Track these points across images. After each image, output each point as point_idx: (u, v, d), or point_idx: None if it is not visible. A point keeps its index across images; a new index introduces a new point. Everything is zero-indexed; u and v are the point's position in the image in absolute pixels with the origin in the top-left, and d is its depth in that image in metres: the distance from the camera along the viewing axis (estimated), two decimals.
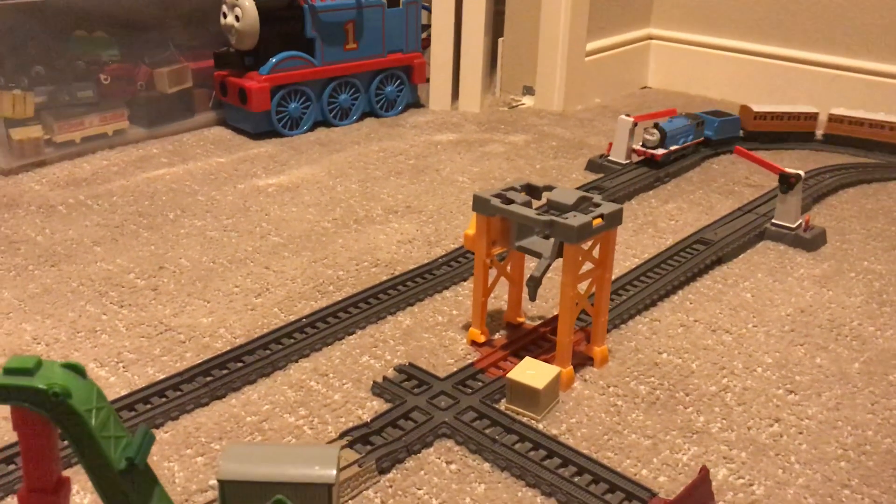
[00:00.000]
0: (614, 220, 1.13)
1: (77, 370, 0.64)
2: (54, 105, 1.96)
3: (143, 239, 1.59)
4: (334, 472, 0.71)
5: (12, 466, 0.97)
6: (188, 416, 1.09)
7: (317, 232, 1.64)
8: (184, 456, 1.02)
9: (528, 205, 1.16)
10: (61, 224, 1.65)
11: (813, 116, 2.19)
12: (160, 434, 1.06)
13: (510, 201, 1.16)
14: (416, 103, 2.45)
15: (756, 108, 2.17)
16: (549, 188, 1.18)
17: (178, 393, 1.12)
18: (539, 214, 1.12)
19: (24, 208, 1.71)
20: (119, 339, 1.27)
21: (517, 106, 2.50)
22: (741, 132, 2.16)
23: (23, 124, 1.91)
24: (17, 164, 1.90)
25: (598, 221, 1.10)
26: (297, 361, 1.21)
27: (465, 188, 1.86)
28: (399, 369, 1.18)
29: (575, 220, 1.08)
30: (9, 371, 0.61)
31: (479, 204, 1.16)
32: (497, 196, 1.17)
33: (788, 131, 2.18)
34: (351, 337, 1.28)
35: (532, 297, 1.15)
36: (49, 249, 1.54)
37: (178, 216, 1.69)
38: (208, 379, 1.15)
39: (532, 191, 1.20)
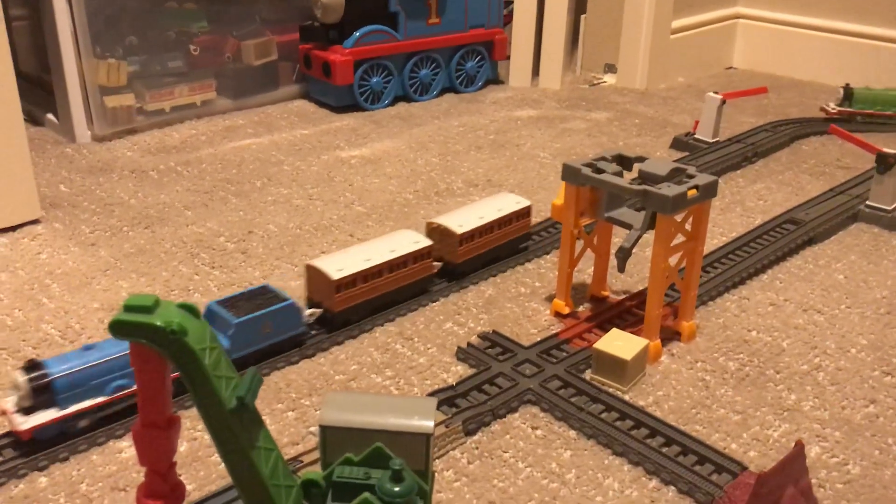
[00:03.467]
0: (709, 191, 1.11)
1: (192, 311, 0.66)
2: (146, 74, 2.02)
3: (231, 205, 1.63)
4: (433, 423, 0.71)
5: None
6: (279, 373, 1.12)
7: (399, 203, 1.65)
8: (275, 410, 1.05)
9: (618, 175, 1.15)
10: (153, 188, 1.70)
11: None
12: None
13: (601, 171, 1.15)
14: (496, 80, 2.44)
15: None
16: (641, 159, 1.17)
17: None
18: (632, 184, 1.10)
19: (118, 173, 1.77)
20: (211, 298, 1.30)
21: (598, 84, 2.47)
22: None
23: (116, 92, 1.97)
24: (111, 130, 1.96)
25: (692, 192, 1.08)
26: (382, 325, 1.23)
27: (546, 164, 1.85)
28: (483, 336, 1.19)
29: (669, 190, 1.07)
30: (129, 308, 0.64)
31: (569, 173, 1.16)
32: (587, 165, 1.15)
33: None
34: (434, 304, 1.29)
35: (621, 269, 1.14)
36: (142, 212, 1.59)
37: (264, 184, 1.73)
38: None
39: (623, 161, 1.19)
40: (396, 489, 0.67)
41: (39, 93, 2.06)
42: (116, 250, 1.45)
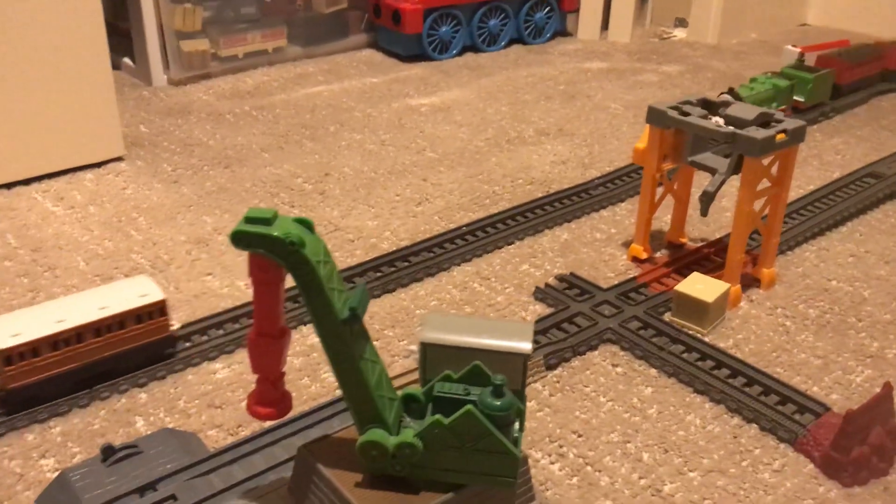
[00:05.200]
0: (797, 136, 1.09)
1: (307, 225, 0.69)
2: (220, 20, 2.05)
3: (307, 148, 1.66)
4: (531, 344, 0.73)
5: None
6: (373, 303, 1.15)
7: (470, 150, 1.66)
8: None
9: (704, 119, 1.14)
10: (230, 131, 1.73)
11: None
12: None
13: (686, 115, 1.14)
14: (564, 31, 2.42)
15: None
16: (727, 103, 1.15)
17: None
18: (720, 127, 1.09)
19: (195, 115, 1.81)
20: None
21: (668, 38, 2.43)
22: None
23: (191, 37, 2.00)
24: (186, 75, 2.00)
25: (781, 136, 1.07)
26: (459, 265, 1.25)
27: (618, 115, 1.84)
28: (560, 278, 1.20)
29: (758, 133, 1.06)
30: (249, 220, 0.66)
31: (654, 115, 1.15)
32: (673, 108, 1.15)
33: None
34: (510, 246, 1.30)
35: (704, 212, 1.13)
36: (221, 153, 1.63)
37: (337, 129, 1.75)
38: (378, 274, 1.20)
39: (709, 105, 1.18)
40: (497, 403, 0.69)
41: (115, 38, 2.10)
42: (198, 188, 1.49)
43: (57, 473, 0.84)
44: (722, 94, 1.42)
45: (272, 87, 1.99)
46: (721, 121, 1.11)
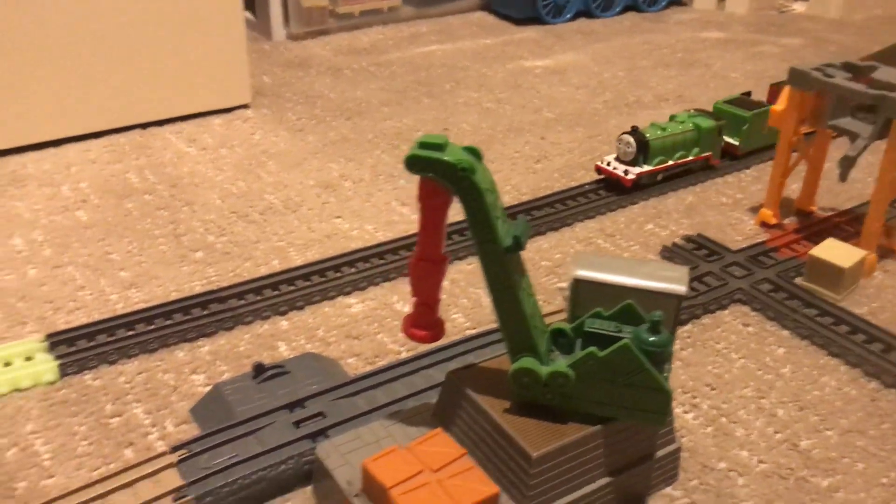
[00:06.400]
0: None
1: (476, 154, 0.70)
2: None
3: (424, 104, 1.68)
4: (686, 287, 0.74)
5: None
6: None
7: (588, 112, 1.65)
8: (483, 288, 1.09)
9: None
10: (349, 85, 1.77)
11: None
12: (464, 266, 1.14)
13: (830, 77, 1.11)
14: (679, 1, 2.37)
15: None
16: (873, 67, 1.12)
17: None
18: (868, 89, 1.06)
19: (315, 69, 1.85)
20: (415, 184, 1.35)
21: (787, 11, 2.36)
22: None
23: None
24: (305, 30, 2.04)
25: None
26: (582, 221, 1.25)
27: (739, 84, 1.80)
28: (688, 238, 1.19)
29: None
30: (423, 146, 0.68)
31: (797, 77, 1.13)
32: (817, 70, 1.12)
33: None
34: (634, 206, 1.30)
35: (843, 178, 1.11)
36: (341, 105, 1.66)
37: (453, 87, 1.77)
38: None
39: (853, 69, 1.14)
40: (654, 339, 0.69)
41: None
42: (322, 137, 1.52)
43: (208, 388, 0.89)
44: (624, 133, 1.30)
45: (387, 45, 2.01)
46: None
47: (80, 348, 0.94)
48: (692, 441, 0.84)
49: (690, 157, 1.35)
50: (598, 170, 1.34)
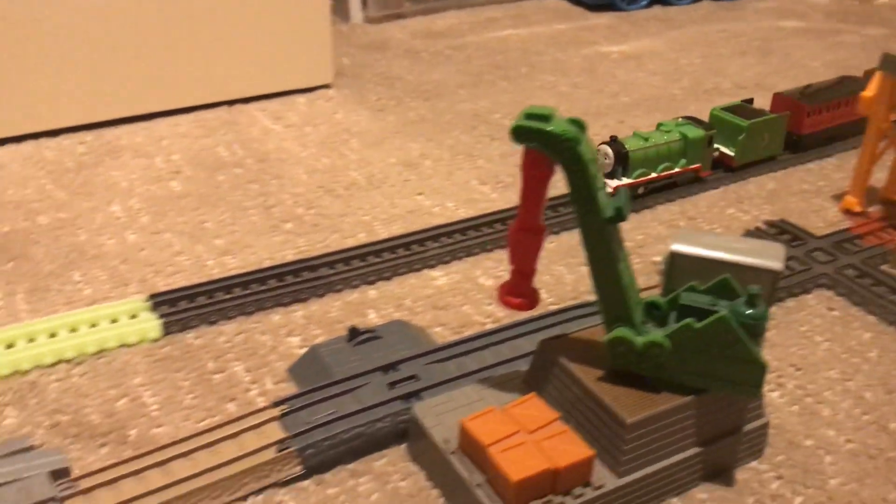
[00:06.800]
0: None
1: (581, 126, 0.72)
2: None
3: (500, 87, 1.70)
4: (782, 263, 0.74)
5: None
6: (567, 234, 1.18)
7: (665, 97, 1.65)
8: (570, 263, 1.11)
9: None
10: (426, 67, 1.79)
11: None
12: (546, 243, 1.16)
13: None
14: None
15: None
16: None
17: (555, 213, 1.21)
18: None
19: (392, 51, 1.88)
20: (494, 164, 1.38)
21: (869, 1, 2.31)
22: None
23: None
24: (381, 13, 2.08)
25: None
26: (663, 203, 1.26)
27: (819, 73, 1.77)
28: (770, 223, 1.19)
29: None
30: (529, 116, 0.70)
31: (890, 63, 1.12)
32: None
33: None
34: (714, 191, 1.30)
35: None
36: (419, 87, 1.69)
37: (529, 71, 1.78)
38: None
39: None
40: (752, 312, 0.71)
41: None
42: (402, 117, 1.55)
43: (303, 349, 0.92)
44: (602, 143, 1.22)
45: (462, 29, 2.03)
46: None
47: (180, 309, 0.98)
48: (778, 419, 0.85)
49: (677, 169, 1.25)
50: None
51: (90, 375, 0.89)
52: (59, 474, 0.75)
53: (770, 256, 0.75)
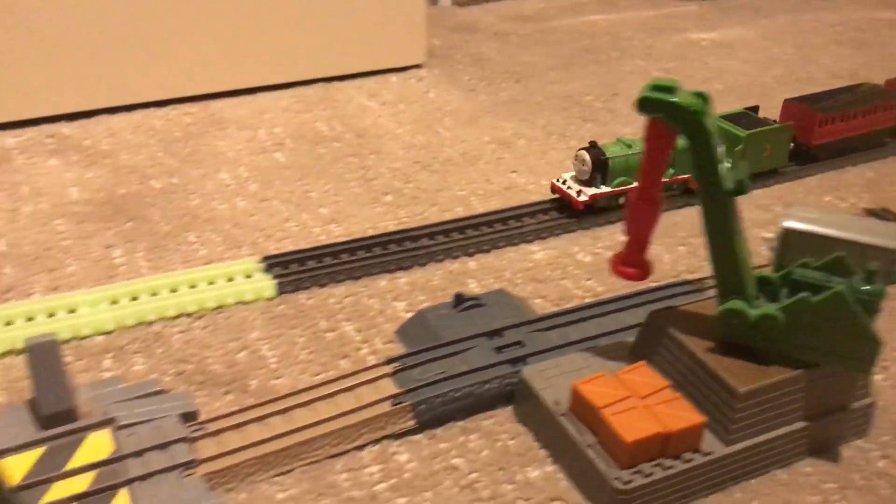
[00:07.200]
0: None
1: (705, 99, 0.74)
2: None
3: (591, 70, 1.71)
4: None
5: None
6: (666, 214, 1.19)
7: (758, 85, 1.64)
8: (667, 243, 1.12)
9: None
10: (515, 49, 1.81)
11: None
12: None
13: None
14: None
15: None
16: None
17: None
18: None
19: (482, 34, 1.91)
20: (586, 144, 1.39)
21: None
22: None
23: None
24: None
25: None
26: (760, 189, 1.25)
27: None
28: (870, 211, 1.18)
29: None
30: (655, 88, 0.72)
31: None
32: None
33: None
34: (812, 178, 1.29)
35: None
36: (509, 68, 1.71)
37: (619, 56, 1.79)
38: (667, 194, 1.23)
39: None
40: (870, 288, 0.71)
41: None
42: (493, 97, 1.58)
43: (409, 314, 0.96)
44: (581, 149, 1.15)
45: (551, 13, 2.05)
46: None
47: (292, 271, 1.03)
48: (883, 400, 0.85)
49: (664, 180, 1.07)
50: (553, 188, 1.18)
51: (211, 329, 0.94)
52: (189, 417, 0.80)
53: (887, 236, 0.75)
